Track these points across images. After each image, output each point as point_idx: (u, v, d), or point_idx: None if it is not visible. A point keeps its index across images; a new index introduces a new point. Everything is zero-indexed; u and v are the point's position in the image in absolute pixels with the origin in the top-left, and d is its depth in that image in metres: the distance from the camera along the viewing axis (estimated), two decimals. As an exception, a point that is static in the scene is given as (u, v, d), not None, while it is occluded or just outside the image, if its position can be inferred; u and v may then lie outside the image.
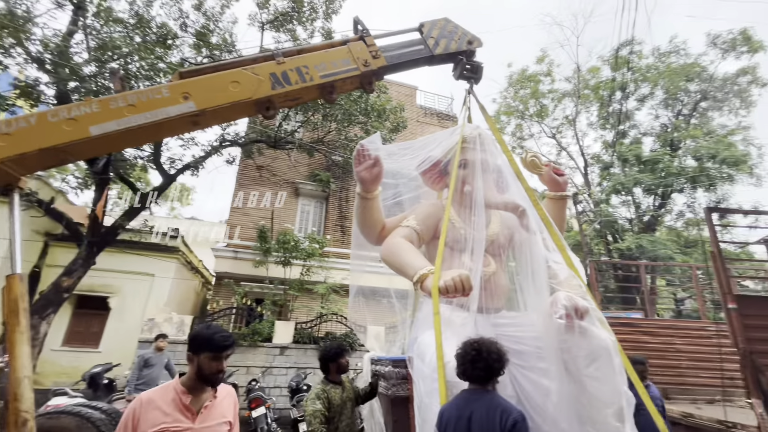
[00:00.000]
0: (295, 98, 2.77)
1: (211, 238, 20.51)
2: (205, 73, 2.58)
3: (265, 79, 2.57)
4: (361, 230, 3.02)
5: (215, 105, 2.43)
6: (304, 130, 12.54)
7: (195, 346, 1.66)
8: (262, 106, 2.59)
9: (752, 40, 13.57)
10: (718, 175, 12.71)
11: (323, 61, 2.76)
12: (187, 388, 1.64)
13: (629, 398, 2.22)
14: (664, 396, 5.03)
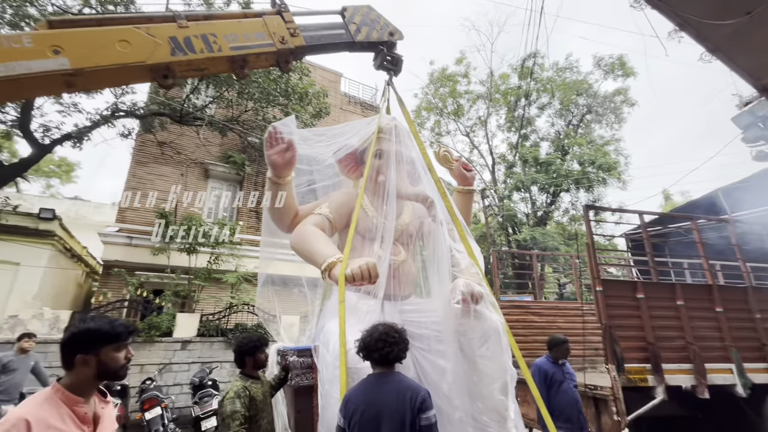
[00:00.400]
0: (200, 68, 2.51)
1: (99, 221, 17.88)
2: (86, 27, 2.19)
3: (163, 42, 2.28)
4: (272, 217, 2.92)
5: (96, 65, 2.08)
6: (216, 107, 11.51)
7: (89, 342, 1.38)
8: (158, 72, 2.29)
9: (626, 66, 16.07)
10: (595, 178, 14.96)
11: (234, 31, 2.55)
12: (79, 395, 1.36)
13: (513, 374, 2.50)
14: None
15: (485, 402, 2.42)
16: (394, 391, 1.84)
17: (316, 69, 15.33)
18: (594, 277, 4.24)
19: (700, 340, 4.21)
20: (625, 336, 4.01)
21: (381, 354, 1.90)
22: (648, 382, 3.88)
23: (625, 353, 3.89)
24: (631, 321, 4.14)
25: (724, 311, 4.45)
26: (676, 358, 4.09)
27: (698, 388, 3.95)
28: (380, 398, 1.83)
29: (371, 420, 1.77)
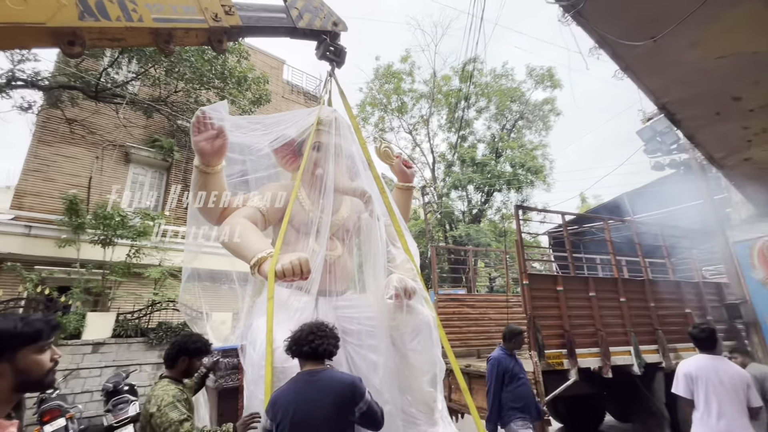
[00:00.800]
0: (116, 38, 2.25)
1: (-10, 207, 15.33)
2: None
3: (69, 3, 2.00)
4: (199, 208, 2.73)
5: None
6: (140, 84, 10.43)
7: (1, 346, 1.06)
8: (62, 38, 2.01)
9: (554, 78, 17.51)
10: (524, 180, 16.15)
11: (159, 1, 2.31)
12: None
13: (442, 366, 2.62)
14: (477, 355, 6.17)
15: (414, 395, 2.50)
16: (326, 387, 1.79)
17: (257, 53, 14.56)
18: (521, 271, 4.56)
19: (606, 326, 4.74)
20: (546, 325, 4.38)
21: (311, 347, 1.84)
22: (564, 366, 4.28)
23: (545, 340, 4.26)
24: (552, 311, 4.54)
25: (626, 301, 5.06)
26: (587, 343, 4.56)
27: (603, 369, 4.45)
28: (311, 396, 1.75)
29: (303, 420, 1.70)
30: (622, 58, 2.70)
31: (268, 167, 3.21)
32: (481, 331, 6.52)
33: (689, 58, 2.77)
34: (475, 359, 5.88)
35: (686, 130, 3.82)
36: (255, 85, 10.62)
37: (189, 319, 3.21)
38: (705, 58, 2.77)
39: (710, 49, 2.69)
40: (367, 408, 1.81)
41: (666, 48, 2.61)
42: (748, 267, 5.93)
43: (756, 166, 4.51)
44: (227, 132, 2.63)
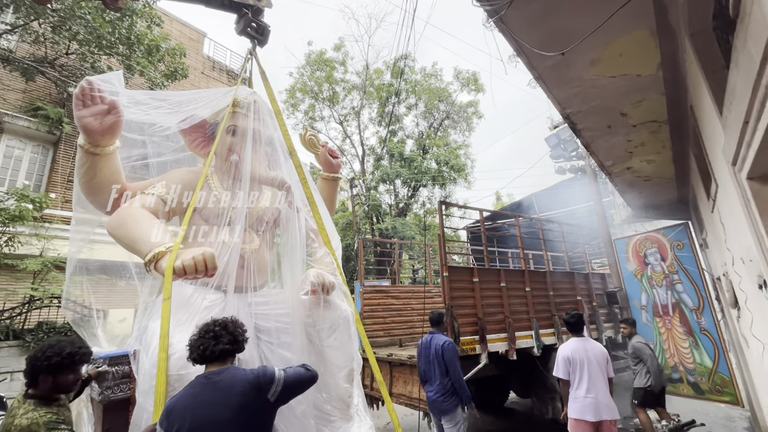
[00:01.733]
0: None
1: None
2: None
3: None
4: (87, 194, 2.37)
5: None
6: (18, 40, 8.71)
7: None
8: None
9: (478, 83, 18.64)
10: (448, 177, 17.02)
11: None
12: None
13: (359, 361, 2.62)
14: (399, 344, 6.37)
15: (330, 391, 2.47)
16: (227, 387, 1.60)
17: (173, 22, 13.13)
18: (442, 264, 4.80)
19: (513, 314, 5.22)
20: (462, 314, 4.68)
21: (212, 349, 1.65)
22: (476, 351, 4.62)
23: (462, 328, 4.55)
24: (468, 301, 4.86)
25: (531, 290, 5.62)
26: (497, 329, 4.98)
27: (509, 352, 4.91)
28: (211, 399, 1.57)
29: (201, 425, 1.52)
30: (535, 67, 2.94)
31: (175, 150, 2.88)
32: (404, 321, 6.78)
33: (589, 75, 3.12)
34: (398, 348, 6.08)
35: (584, 139, 4.32)
36: (169, 57, 9.56)
37: (75, 318, 2.76)
38: (601, 75, 3.15)
39: (606, 68, 3.06)
40: (283, 383, 1.70)
41: (572, 63, 2.90)
42: (624, 260, 6.98)
43: (634, 174, 5.30)
44: (122, 108, 2.29)
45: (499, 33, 2.59)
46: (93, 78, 2.24)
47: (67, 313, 2.80)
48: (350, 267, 18.13)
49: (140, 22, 8.65)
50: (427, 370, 3.80)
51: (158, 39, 9.11)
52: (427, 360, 3.80)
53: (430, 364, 3.76)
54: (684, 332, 6.06)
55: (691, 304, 6.01)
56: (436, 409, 3.65)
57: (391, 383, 5.17)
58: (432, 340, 3.83)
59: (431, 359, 3.75)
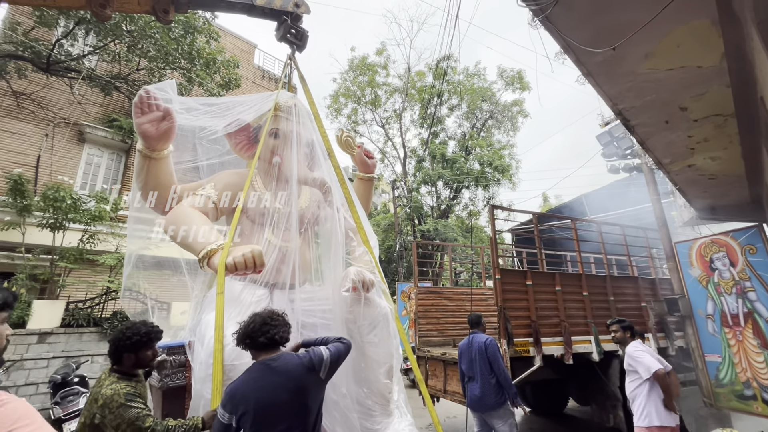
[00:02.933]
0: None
1: None
2: None
3: None
4: (144, 195, 2.56)
5: None
6: (98, 59, 9.78)
7: None
8: None
9: (523, 80, 18.08)
10: (491, 178, 16.64)
11: None
12: None
13: (399, 358, 2.63)
14: (453, 344, 6.41)
15: (371, 386, 2.51)
16: (284, 372, 1.73)
17: (227, 35, 14.04)
18: (494, 266, 4.80)
19: (569, 318, 5.08)
20: (515, 316, 4.67)
21: (266, 337, 1.78)
22: (530, 353, 4.58)
23: (514, 330, 4.52)
24: (521, 303, 4.83)
25: (588, 295, 5.43)
26: (552, 332, 4.87)
27: (565, 356, 4.78)
28: (272, 382, 1.70)
29: (266, 406, 1.64)
30: (584, 64, 2.86)
31: (221, 153, 3.05)
32: (457, 322, 6.81)
33: (643, 69, 2.98)
34: (451, 348, 6.14)
35: (639, 136, 4.10)
36: (224, 69, 10.25)
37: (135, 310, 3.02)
38: (657, 69, 3.00)
39: (661, 61, 2.91)
40: (330, 361, 1.85)
41: (623, 57, 2.80)
42: (687, 265, 6.47)
43: (697, 172, 4.92)
44: (175, 114, 2.45)
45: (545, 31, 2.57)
46: (150, 87, 2.42)
47: (124, 304, 3.05)
48: (392, 269, 18.26)
49: (200, 37, 9.38)
50: (469, 369, 3.85)
51: (215, 52, 9.81)
52: (469, 359, 3.85)
53: (472, 362, 3.81)
54: (758, 345, 5.51)
55: (767, 314, 5.46)
56: (481, 406, 3.68)
57: (446, 381, 5.29)
58: (473, 339, 3.90)
59: (473, 357, 3.79)
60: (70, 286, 8.06)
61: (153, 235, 2.88)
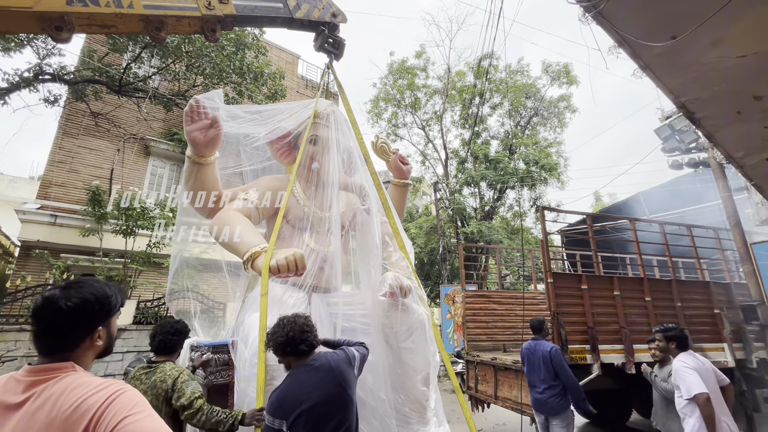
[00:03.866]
0: (106, 25, 2.21)
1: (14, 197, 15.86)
2: None
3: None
4: (191, 199, 2.69)
5: None
6: (161, 79, 10.66)
7: (106, 309, 1.08)
8: (49, 23, 2.00)
9: (570, 75, 17.24)
10: (538, 177, 16.00)
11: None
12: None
13: (435, 365, 2.58)
14: (503, 349, 6.29)
15: (408, 393, 2.48)
16: (328, 371, 1.79)
17: (273, 48, 14.72)
18: (546, 270, 4.64)
19: (630, 324, 4.79)
20: (570, 321, 4.49)
21: (307, 344, 1.84)
22: (587, 360, 4.38)
23: (569, 336, 4.34)
24: (575, 308, 4.63)
25: (651, 300, 5.08)
26: (611, 340, 4.62)
27: (627, 365, 4.50)
28: (318, 382, 1.75)
29: (321, 406, 1.70)
30: (641, 57, 2.71)
31: (262, 160, 3.15)
32: (507, 326, 6.63)
33: (709, 57, 2.76)
34: (501, 353, 6.02)
35: (705, 129, 3.79)
36: (271, 81, 10.77)
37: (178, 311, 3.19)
38: (725, 57, 2.76)
39: (731, 48, 2.68)
40: (360, 358, 1.93)
41: (685, 47, 2.61)
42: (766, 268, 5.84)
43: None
44: (221, 122, 2.55)
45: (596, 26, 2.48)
46: (199, 96, 2.55)
47: (171, 306, 3.23)
48: (435, 271, 18.10)
49: (249, 53, 9.94)
50: (531, 375, 3.85)
51: (263, 66, 10.34)
52: (532, 366, 3.84)
53: (534, 369, 3.80)
54: None
55: None
56: (545, 409, 3.68)
57: (496, 387, 5.21)
58: (537, 347, 3.86)
59: (536, 365, 3.78)
60: (140, 287, 8.84)
61: (198, 238, 3.00)
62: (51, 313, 0.98)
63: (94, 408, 0.87)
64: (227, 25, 2.62)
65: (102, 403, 0.88)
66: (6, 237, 11.51)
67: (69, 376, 0.94)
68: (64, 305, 0.98)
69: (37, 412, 0.87)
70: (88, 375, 0.98)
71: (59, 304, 0.98)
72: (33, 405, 0.89)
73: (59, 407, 0.87)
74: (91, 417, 0.86)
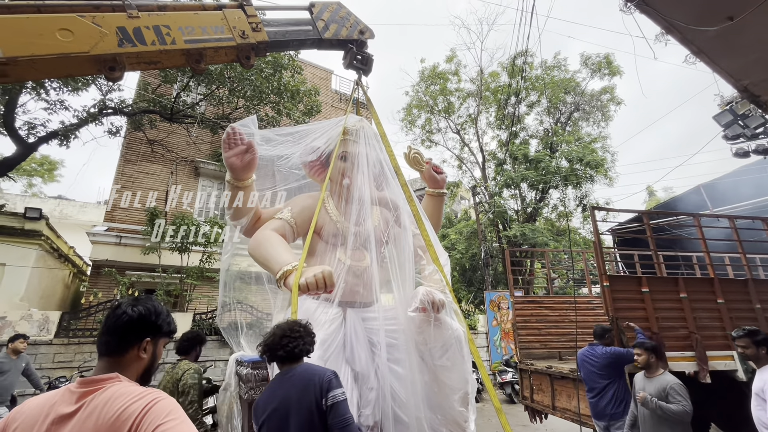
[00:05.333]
0: (152, 61, 2.39)
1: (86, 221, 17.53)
2: (23, 14, 2.04)
3: (110, 32, 2.16)
4: (232, 220, 2.82)
5: (33, 54, 1.96)
6: (207, 104, 11.40)
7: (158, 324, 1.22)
8: (104, 64, 2.17)
9: (612, 65, 16.38)
10: (583, 175, 15.22)
11: (190, 24, 2.43)
12: None
13: (474, 384, 2.47)
14: (559, 357, 6.00)
15: (445, 413, 2.39)
16: (299, 381, 1.78)
17: (307, 66, 15.27)
18: (601, 273, 4.41)
19: (702, 329, 4.39)
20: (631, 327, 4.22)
21: (286, 350, 1.84)
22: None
23: (631, 342, 4.07)
24: (637, 313, 4.34)
25: (725, 302, 4.64)
26: (679, 346, 4.27)
27: (700, 374, 4.13)
28: (286, 393, 1.76)
29: (280, 418, 1.72)
30: (693, 42, 2.52)
31: (298, 179, 3.25)
32: (562, 333, 6.31)
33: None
34: (557, 361, 5.76)
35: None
36: (307, 98, 11.17)
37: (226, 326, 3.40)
38: (794, 33, 2.51)
39: (800, 22, 2.43)
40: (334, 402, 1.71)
41: (745, 27, 2.40)
42: None
43: None
44: (256, 146, 2.67)
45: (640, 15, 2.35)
46: (234, 124, 2.67)
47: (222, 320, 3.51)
48: (477, 277, 17.68)
49: (285, 73, 10.39)
50: (588, 380, 3.73)
51: (299, 84, 10.76)
52: (588, 370, 3.74)
53: (592, 374, 3.69)
54: None
55: None
56: (605, 416, 3.58)
57: (553, 396, 5.00)
58: (594, 351, 3.79)
59: (594, 370, 3.69)
60: (196, 300, 9.38)
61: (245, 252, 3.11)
62: (118, 316, 1.17)
63: (134, 416, 0.97)
64: (260, 52, 2.75)
65: (140, 411, 0.98)
66: (80, 257, 12.70)
67: (113, 386, 1.05)
68: (129, 311, 1.18)
69: (87, 420, 0.98)
70: (130, 384, 1.09)
71: (125, 309, 1.18)
72: (83, 414, 0.99)
73: (104, 415, 0.98)
74: (132, 424, 0.96)
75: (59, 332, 7.40)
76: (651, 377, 3.30)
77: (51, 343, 7.04)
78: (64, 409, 1.01)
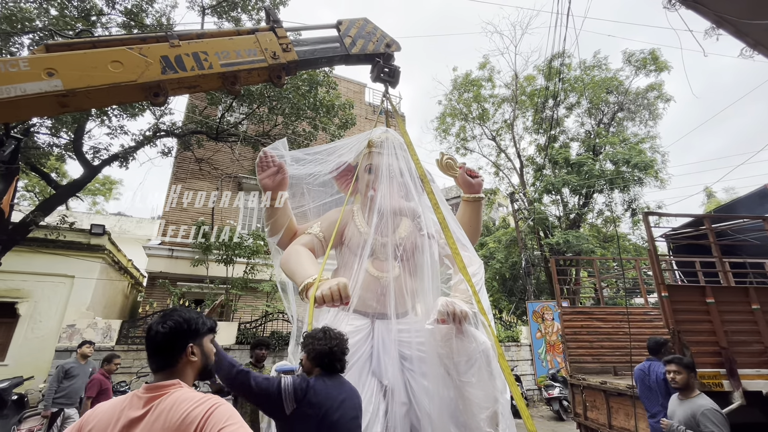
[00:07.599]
0: (191, 86, 2.58)
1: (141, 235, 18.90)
2: (80, 50, 2.26)
3: (154, 61, 2.36)
4: (269, 236, 2.95)
5: (88, 85, 2.16)
6: (248, 123, 12.03)
7: (194, 329, 1.27)
8: (149, 91, 2.38)
9: (659, 61, 15.45)
10: (630, 178, 14.35)
11: (226, 48, 2.61)
12: None
13: (504, 403, 2.28)
14: (614, 372, 5.65)
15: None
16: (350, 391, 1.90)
17: (341, 81, 15.71)
18: (658, 282, 4.15)
19: None
20: (696, 341, 3.91)
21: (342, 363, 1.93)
22: (723, 387, 3.75)
23: (696, 358, 3.77)
24: (702, 326, 4.03)
25: None
26: (754, 363, 3.90)
27: None
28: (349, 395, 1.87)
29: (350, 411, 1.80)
30: (748, 34, 2.35)
31: (331, 194, 3.37)
32: (616, 346, 5.93)
33: None
34: (612, 376, 5.43)
35: None
36: (341, 111, 11.47)
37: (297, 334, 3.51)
38: None
39: None
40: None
41: (810, 14, 2.22)
42: None
43: None
44: (287, 167, 2.82)
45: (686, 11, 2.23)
46: (266, 148, 2.85)
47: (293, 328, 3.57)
48: (518, 287, 17.06)
49: (321, 89, 10.76)
50: (646, 400, 3.51)
51: (333, 99, 11.09)
52: (647, 389, 3.50)
53: (651, 393, 3.46)
54: None
55: None
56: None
57: (609, 414, 4.74)
58: (650, 368, 3.54)
59: (652, 389, 3.45)
60: (240, 310, 9.79)
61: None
62: (152, 337, 1.23)
63: (197, 420, 1.04)
64: (291, 71, 2.89)
65: (203, 416, 1.05)
66: (137, 269, 13.69)
67: (176, 392, 1.13)
68: (161, 328, 1.22)
69: (155, 423, 1.06)
70: (191, 390, 1.17)
71: (157, 329, 1.23)
72: (151, 417, 1.08)
73: (170, 419, 1.06)
74: (196, 426, 1.03)
75: (120, 339, 8.00)
76: (684, 399, 2.86)
77: (113, 350, 7.61)
78: (133, 413, 1.11)
